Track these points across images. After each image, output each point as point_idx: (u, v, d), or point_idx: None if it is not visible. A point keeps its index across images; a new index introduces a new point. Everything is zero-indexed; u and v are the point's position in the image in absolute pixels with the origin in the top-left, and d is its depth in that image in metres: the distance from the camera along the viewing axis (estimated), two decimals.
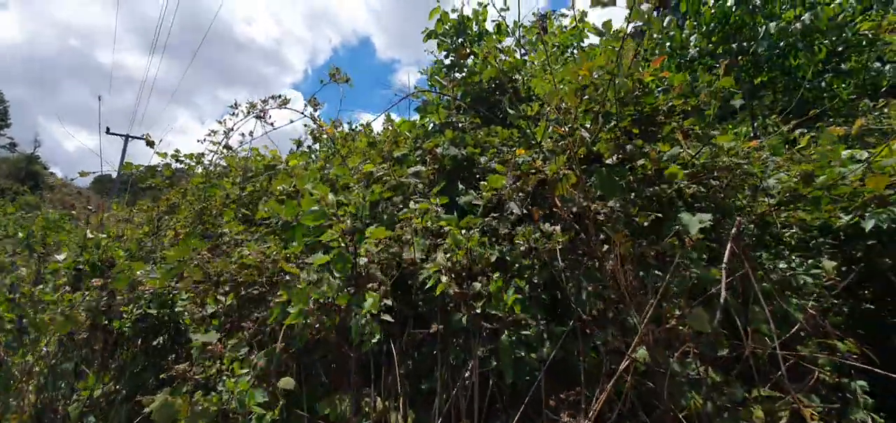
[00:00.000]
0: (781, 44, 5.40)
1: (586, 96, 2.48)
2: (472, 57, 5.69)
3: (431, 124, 5.30)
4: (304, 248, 2.53)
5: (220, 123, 4.09)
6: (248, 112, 4.29)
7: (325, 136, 6.20)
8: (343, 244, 2.34)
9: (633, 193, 2.38)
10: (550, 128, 2.65)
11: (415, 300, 2.58)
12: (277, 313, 2.36)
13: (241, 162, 4.49)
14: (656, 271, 1.96)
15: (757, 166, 3.00)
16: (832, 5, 5.69)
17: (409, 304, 2.57)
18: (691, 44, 6.26)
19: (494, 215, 2.87)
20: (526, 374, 2.15)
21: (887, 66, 6.11)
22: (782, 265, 3.00)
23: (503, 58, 4.74)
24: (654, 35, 6.57)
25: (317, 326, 2.31)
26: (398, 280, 2.55)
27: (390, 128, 5.15)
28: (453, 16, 6.04)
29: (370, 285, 2.46)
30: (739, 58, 5.58)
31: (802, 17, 5.42)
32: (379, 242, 2.67)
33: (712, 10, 5.94)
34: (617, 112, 2.66)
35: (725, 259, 1.80)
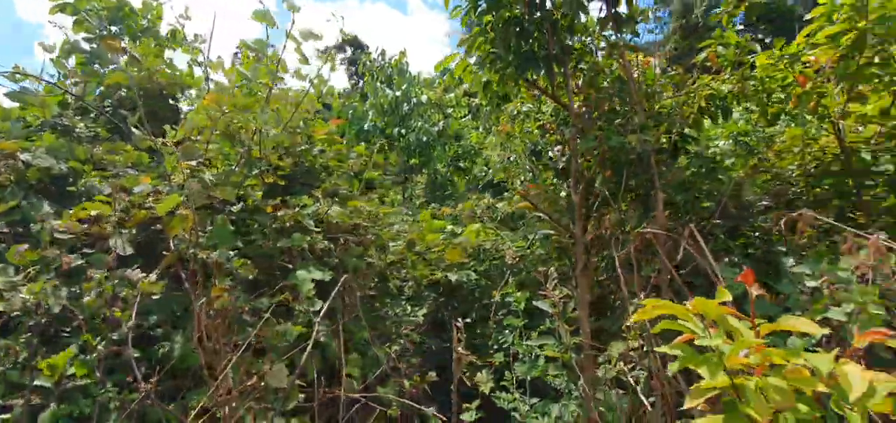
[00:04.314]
0: (425, 139, 7.04)
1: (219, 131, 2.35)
2: (126, 54, 4.65)
3: (41, 121, 3.90)
4: None
5: None
6: None
7: None
8: None
9: (255, 241, 2.36)
10: (182, 161, 2.35)
11: None
12: None
13: None
14: (249, 328, 1.96)
15: (383, 230, 3.63)
16: (460, 120, 7.92)
17: None
18: (368, 117, 7.29)
19: (88, 251, 2.26)
20: None
21: (490, 171, 9.01)
22: (398, 311, 3.79)
23: (163, 68, 4.06)
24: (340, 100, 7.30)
25: None
26: None
27: None
28: None
29: None
30: (398, 141, 6.89)
31: (440, 124, 7.29)
32: None
33: (384, 99, 7.19)
34: (261, 157, 2.66)
35: (321, 314, 1.97)
